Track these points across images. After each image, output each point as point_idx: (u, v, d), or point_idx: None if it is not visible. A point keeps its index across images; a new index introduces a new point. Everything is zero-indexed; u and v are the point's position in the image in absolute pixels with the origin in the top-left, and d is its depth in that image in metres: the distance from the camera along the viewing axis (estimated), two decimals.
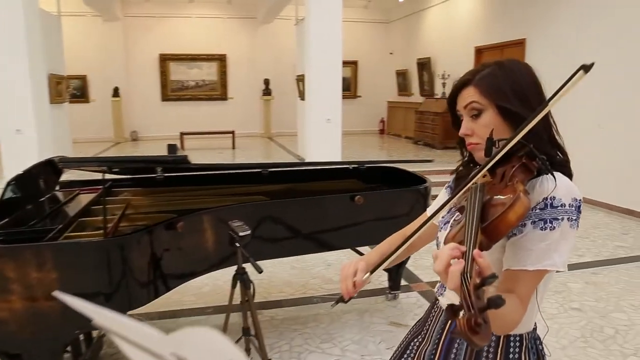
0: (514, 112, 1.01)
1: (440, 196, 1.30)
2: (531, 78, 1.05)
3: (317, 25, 7.06)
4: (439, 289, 1.23)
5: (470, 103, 1.04)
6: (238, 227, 2.14)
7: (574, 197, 0.96)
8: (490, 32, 9.31)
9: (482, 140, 1.03)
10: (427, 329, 1.23)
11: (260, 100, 13.25)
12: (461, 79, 1.08)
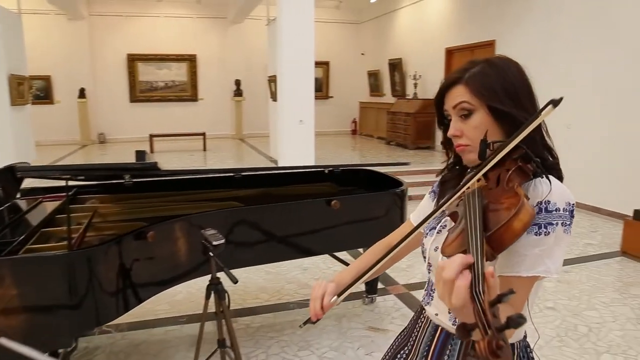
0: (506, 112, 0.96)
1: (425, 202, 1.26)
2: (522, 77, 1.00)
3: (289, 26, 6.99)
4: (425, 298, 1.18)
5: (460, 103, 0.99)
6: (211, 236, 2.06)
7: (567, 202, 0.93)
8: (460, 34, 9.41)
9: (471, 141, 0.99)
10: (415, 340, 1.18)
11: (231, 101, 13.09)
12: (450, 76, 1.02)
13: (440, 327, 1.11)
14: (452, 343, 1.08)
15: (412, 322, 1.25)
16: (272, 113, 9.05)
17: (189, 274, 2.35)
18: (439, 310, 1.11)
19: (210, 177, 3.24)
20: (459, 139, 1.02)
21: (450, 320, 1.08)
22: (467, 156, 1.03)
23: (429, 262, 1.11)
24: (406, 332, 1.26)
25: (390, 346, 1.30)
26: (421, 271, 4.00)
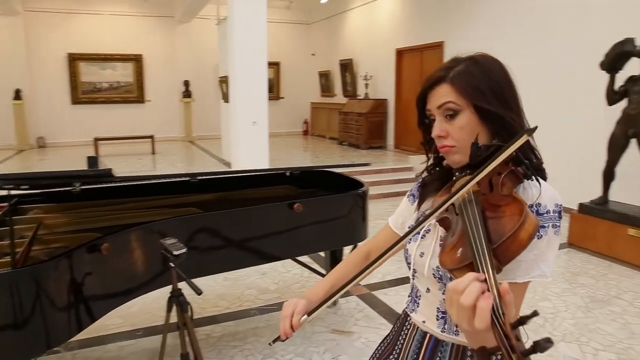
0: (493, 112, 0.94)
1: (404, 205, 1.22)
2: (506, 75, 0.98)
3: (241, 26, 6.85)
4: (409, 305, 1.14)
5: (445, 103, 0.96)
6: (172, 246, 1.96)
7: (556, 203, 0.92)
8: (410, 35, 9.56)
9: (457, 142, 0.96)
10: (401, 348, 1.14)
11: (180, 102, 12.74)
12: (433, 75, 0.98)
13: (428, 334, 1.08)
14: (442, 350, 1.05)
15: (396, 328, 1.21)
16: (224, 114, 8.87)
17: (148, 287, 2.23)
18: (426, 317, 1.08)
19: (165, 183, 3.10)
20: (443, 140, 0.98)
21: (439, 327, 1.05)
22: (452, 157, 0.99)
23: (414, 269, 1.08)
24: (390, 339, 1.22)
25: (374, 354, 1.25)
26: (381, 271, 4.01)
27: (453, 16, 8.24)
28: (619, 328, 3.19)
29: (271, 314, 3.35)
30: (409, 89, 9.89)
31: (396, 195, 7.22)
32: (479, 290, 0.67)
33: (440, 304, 1.03)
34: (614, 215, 4.48)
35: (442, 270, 0.98)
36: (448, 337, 1.03)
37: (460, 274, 0.77)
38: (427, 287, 1.06)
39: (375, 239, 1.27)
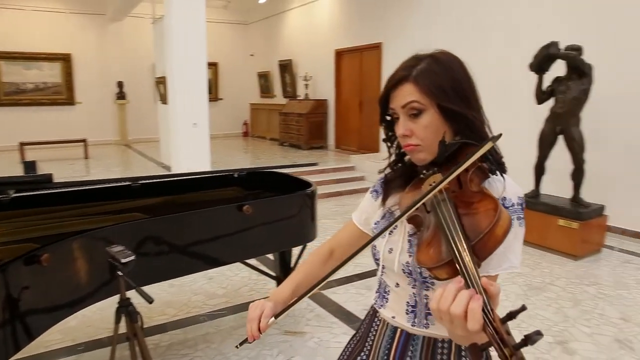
0: (456, 111, 0.96)
1: (367, 201, 1.22)
2: (465, 73, 1.00)
3: (179, 25, 6.65)
4: (377, 301, 1.15)
5: (410, 102, 0.96)
6: (119, 253, 1.87)
7: (518, 195, 0.96)
8: (349, 36, 9.69)
9: (422, 141, 0.98)
10: (372, 345, 1.15)
11: (114, 104, 12.21)
12: (396, 74, 0.99)
13: (399, 329, 1.09)
14: (413, 344, 1.07)
15: (365, 325, 1.22)
16: (162, 116, 8.59)
17: (93, 298, 2.11)
18: (395, 313, 1.09)
19: (105, 188, 2.96)
20: (408, 139, 0.99)
21: (409, 321, 1.06)
22: (417, 156, 1.01)
23: (383, 265, 1.08)
24: (359, 336, 1.22)
25: (343, 353, 1.26)
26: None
27: (391, 17, 8.43)
28: (554, 312, 3.39)
29: (221, 319, 3.28)
30: (349, 90, 10.02)
31: (339, 194, 7.30)
32: (468, 297, 0.69)
33: (409, 298, 1.05)
34: (545, 207, 4.75)
35: (412, 266, 1.00)
36: (419, 331, 1.05)
37: (439, 271, 0.79)
38: (396, 282, 1.07)
39: (339, 236, 1.27)
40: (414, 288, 1.03)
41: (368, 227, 1.20)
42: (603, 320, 3.30)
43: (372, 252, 1.11)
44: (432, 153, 0.98)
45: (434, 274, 0.81)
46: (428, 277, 0.98)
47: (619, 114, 5.08)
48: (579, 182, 4.67)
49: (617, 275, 4.12)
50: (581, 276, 4.10)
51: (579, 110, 4.56)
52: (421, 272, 0.99)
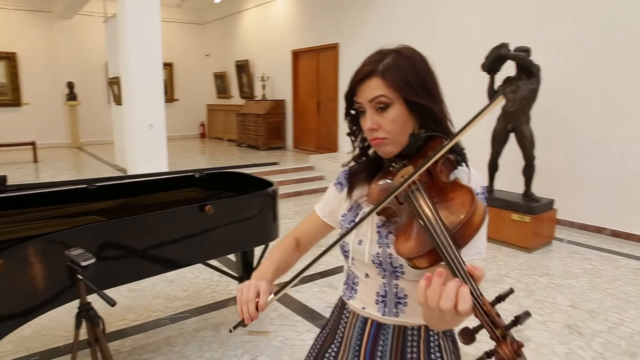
0: (422, 105, 0.98)
1: (331, 194, 1.23)
2: (428, 67, 1.03)
3: (134, 23, 6.49)
4: (346, 292, 1.16)
5: (378, 97, 0.98)
6: (79, 256, 1.83)
7: (482, 185, 1.00)
8: (306, 37, 9.72)
9: (389, 134, 1.00)
10: (342, 337, 1.17)
11: (64, 106, 11.77)
12: (363, 69, 1.00)
13: (369, 320, 1.11)
14: (384, 333, 1.09)
15: (334, 318, 1.23)
16: (117, 118, 8.37)
17: (51, 304, 2.05)
18: (365, 304, 1.11)
19: (60, 191, 2.86)
20: (375, 132, 1.01)
21: (379, 311, 1.08)
22: (384, 149, 1.03)
23: (352, 257, 1.10)
24: (329, 329, 1.24)
25: (313, 347, 1.27)
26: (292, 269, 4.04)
27: (347, 18, 8.52)
28: (509, 303, 3.52)
29: (183, 322, 3.24)
30: (306, 90, 10.06)
31: (298, 194, 7.33)
32: (455, 289, 0.70)
33: (379, 288, 1.08)
34: (499, 202, 4.92)
35: (382, 256, 1.02)
36: (389, 320, 1.08)
37: (420, 261, 0.81)
38: (365, 273, 1.10)
39: (302, 227, 1.27)
40: (383, 278, 1.06)
41: (332, 219, 1.22)
42: (554, 309, 3.46)
43: (340, 244, 1.12)
44: (399, 146, 1.01)
45: (414, 263, 0.83)
46: (398, 267, 1.01)
47: (565, 112, 5.34)
48: (530, 177, 4.87)
49: (566, 266, 4.33)
50: (534, 267, 4.28)
51: (529, 108, 4.75)
52: (391, 262, 1.01)
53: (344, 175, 1.20)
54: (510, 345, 0.66)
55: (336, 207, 1.20)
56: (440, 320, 0.78)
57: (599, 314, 3.37)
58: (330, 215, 1.23)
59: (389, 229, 1.02)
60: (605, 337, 3.06)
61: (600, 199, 5.19)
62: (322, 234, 1.27)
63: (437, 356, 1.08)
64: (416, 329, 1.08)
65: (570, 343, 2.99)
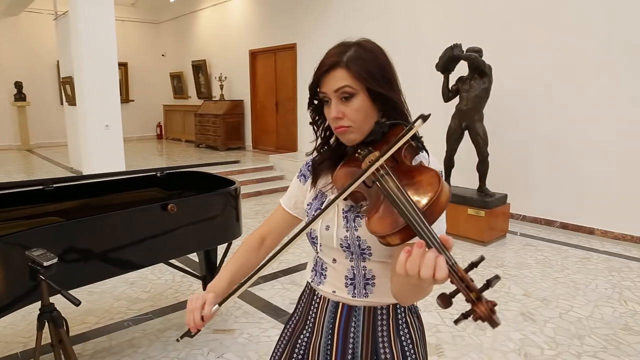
0: (384, 95, 1.04)
1: (295, 186, 1.27)
2: (388, 59, 1.08)
3: (86, 21, 6.30)
4: (315, 279, 1.20)
5: (343, 87, 1.02)
6: (40, 257, 1.79)
7: (440, 169, 1.06)
8: (263, 37, 9.71)
9: (353, 123, 1.05)
10: (314, 322, 1.21)
11: (12, 107, 11.29)
12: (327, 60, 1.04)
13: (340, 303, 1.16)
14: (355, 314, 1.14)
15: (302, 305, 1.27)
16: (70, 119, 8.12)
17: (10, 308, 2.00)
18: (335, 287, 1.15)
19: (14, 193, 2.78)
20: (340, 121, 1.05)
21: (349, 293, 1.13)
22: (348, 137, 1.07)
23: (320, 243, 1.15)
24: (298, 316, 1.27)
25: (282, 335, 1.29)
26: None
27: (305, 18, 8.58)
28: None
29: (147, 323, 3.20)
30: (265, 90, 10.05)
31: (259, 194, 7.33)
32: (434, 259, 0.76)
33: (347, 271, 1.13)
34: (455, 198, 5.08)
35: (350, 239, 1.07)
36: (359, 301, 1.13)
37: (393, 238, 0.87)
38: (333, 258, 1.14)
39: (269, 223, 1.30)
40: (351, 261, 1.11)
41: (297, 211, 1.26)
42: (509, 298, 3.62)
43: (307, 232, 1.15)
44: (362, 134, 1.06)
45: (387, 240, 0.88)
46: (366, 249, 1.07)
47: (517, 110, 5.58)
48: (484, 173, 5.06)
49: (519, 257, 4.52)
50: (489, 260, 4.45)
51: (482, 107, 4.94)
52: (359, 244, 1.07)
53: (306, 167, 1.24)
54: (485, 304, 0.73)
55: (300, 199, 1.25)
56: (414, 290, 0.84)
57: (550, 301, 3.55)
58: (295, 207, 1.27)
59: (355, 213, 1.07)
60: (556, 322, 3.23)
61: (550, 193, 5.46)
62: (289, 226, 1.30)
63: (405, 332, 1.16)
64: (385, 308, 1.14)
65: (524, 329, 3.14)
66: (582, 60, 5.06)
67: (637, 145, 4.78)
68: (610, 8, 4.83)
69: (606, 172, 5.01)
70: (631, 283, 3.89)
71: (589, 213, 5.19)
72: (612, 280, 3.95)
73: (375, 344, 1.13)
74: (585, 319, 3.28)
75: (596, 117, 5.03)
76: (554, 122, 5.33)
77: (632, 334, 3.06)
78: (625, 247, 4.78)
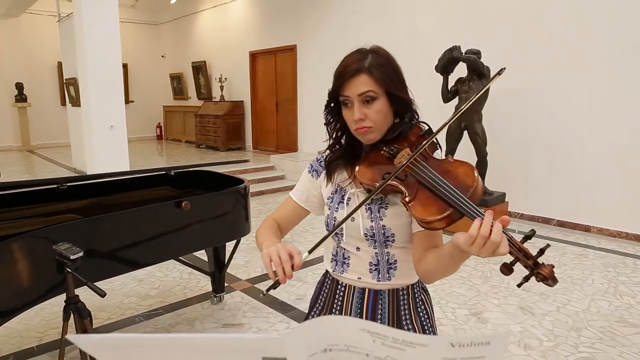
0: (401, 97, 1.16)
1: (306, 180, 1.34)
2: (398, 64, 1.20)
3: (91, 23, 6.39)
4: (337, 268, 1.28)
5: (367, 92, 1.12)
6: (67, 250, 1.89)
7: None
8: (263, 38, 9.80)
9: (374, 123, 1.15)
10: (341, 309, 1.29)
11: (13, 107, 11.35)
12: (351, 67, 1.14)
13: (366, 289, 1.26)
14: (381, 298, 1.25)
15: (326, 294, 1.34)
16: (74, 119, 8.19)
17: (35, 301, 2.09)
18: (360, 274, 1.25)
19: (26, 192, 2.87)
20: (362, 122, 1.15)
21: (374, 278, 1.23)
22: (369, 136, 1.18)
23: (344, 234, 1.23)
24: (321, 306, 1.35)
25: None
26: (260, 265, 4.16)
27: (305, 20, 8.67)
28: (468, 289, 3.77)
29: (157, 319, 3.30)
30: (265, 91, 10.15)
31: (261, 194, 7.42)
32: (501, 227, 0.90)
33: (371, 258, 1.23)
34: None
35: (375, 229, 1.18)
36: (383, 285, 1.24)
37: (439, 223, 1.00)
38: (356, 247, 1.24)
39: (280, 213, 1.36)
40: (375, 249, 1.22)
41: (309, 204, 1.34)
42: (509, 292, 3.73)
43: (327, 222, 1.27)
44: (381, 133, 1.18)
45: (434, 225, 1.01)
46: (390, 237, 1.18)
47: (515, 110, 5.69)
48: (483, 172, 5.18)
49: None
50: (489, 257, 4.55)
51: (481, 107, 5.05)
52: (384, 232, 1.18)
53: (318, 163, 1.34)
54: (547, 267, 0.88)
55: (313, 193, 1.33)
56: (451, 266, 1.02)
57: (548, 295, 3.66)
58: (307, 200, 1.35)
59: (379, 205, 1.19)
60: (554, 315, 3.34)
61: (547, 192, 5.57)
62: (299, 218, 1.38)
63: (422, 308, 1.29)
64: (405, 288, 1.26)
65: (524, 322, 3.24)
66: (578, 60, 5.18)
67: (633, 145, 4.90)
68: (608, 9, 4.94)
69: (602, 171, 5.13)
70: (626, 278, 4.01)
71: (585, 211, 5.31)
72: (608, 275, 4.07)
73: (399, 321, 1.25)
74: (582, 312, 3.39)
75: (593, 117, 5.14)
76: (551, 122, 5.45)
77: (627, 326, 3.18)
78: (621, 244, 4.90)
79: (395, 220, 1.17)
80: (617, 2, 4.87)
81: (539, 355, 2.84)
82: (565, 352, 2.87)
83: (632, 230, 4.98)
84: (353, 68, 1.14)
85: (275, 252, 1.05)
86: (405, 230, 1.19)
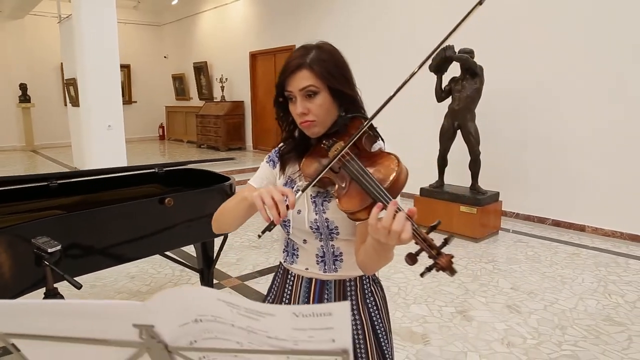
0: (343, 92, 1.19)
1: (265, 170, 1.35)
2: (344, 60, 1.22)
3: (89, 24, 6.46)
4: (288, 259, 1.33)
5: (308, 86, 1.15)
6: (45, 244, 1.93)
7: None
8: (263, 39, 9.85)
9: (316, 117, 1.18)
10: (290, 297, 1.33)
11: (17, 108, 11.47)
12: (292, 63, 1.17)
13: (313, 279, 1.29)
14: (327, 288, 1.28)
15: (278, 284, 1.39)
16: (74, 119, 8.27)
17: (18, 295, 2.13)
18: (307, 265, 1.29)
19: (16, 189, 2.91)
20: (305, 116, 1.18)
21: (321, 269, 1.27)
22: (313, 130, 1.21)
23: (291, 226, 1.27)
24: (274, 295, 1.39)
25: None
26: (251, 263, 4.20)
27: (304, 20, 8.71)
28: (456, 288, 3.78)
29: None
30: (265, 91, 10.19)
31: None
32: (404, 216, 0.92)
33: (317, 250, 1.26)
34: (448, 195, 5.21)
35: (319, 222, 1.21)
36: (330, 276, 1.27)
37: (361, 213, 1.02)
38: (303, 239, 1.28)
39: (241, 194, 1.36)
40: (320, 241, 1.25)
41: None
42: (497, 291, 3.73)
43: None
44: (325, 127, 1.20)
45: (357, 216, 1.04)
46: (334, 229, 1.21)
47: (508, 110, 5.69)
48: (476, 172, 5.18)
49: (510, 253, 4.64)
50: (480, 255, 4.57)
51: (474, 106, 5.06)
52: (328, 225, 1.21)
53: (275, 154, 1.37)
54: (445, 257, 0.90)
55: (271, 180, 1.36)
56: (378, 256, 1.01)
57: (536, 294, 3.67)
58: None
59: (323, 198, 1.21)
60: (541, 314, 3.35)
61: (542, 192, 5.57)
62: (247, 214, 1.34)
63: (371, 300, 1.31)
64: (353, 280, 1.29)
65: (509, 320, 3.25)
66: (573, 60, 5.17)
67: (628, 145, 4.89)
68: (605, 9, 4.94)
69: (598, 170, 5.12)
70: (617, 277, 4.00)
71: (580, 211, 5.30)
72: (599, 274, 4.06)
73: None
74: (569, 310, 3.39)
75: (588, 117, 5.14)
76: (546, 122, 5.44)
77: (612, 325, 3.18)
78: (615, 244, 4.89)
79: (338, 213, 1.18)
80: (617, 2, 4.87)
81: (521, 352, 2.85)
82: (548, 349, 2.88)
83: (626, 229, 4.97)
84: (295, 64, 1.17)
85: (267, 194, 1.03)
86: (349, 223, 1.20)
